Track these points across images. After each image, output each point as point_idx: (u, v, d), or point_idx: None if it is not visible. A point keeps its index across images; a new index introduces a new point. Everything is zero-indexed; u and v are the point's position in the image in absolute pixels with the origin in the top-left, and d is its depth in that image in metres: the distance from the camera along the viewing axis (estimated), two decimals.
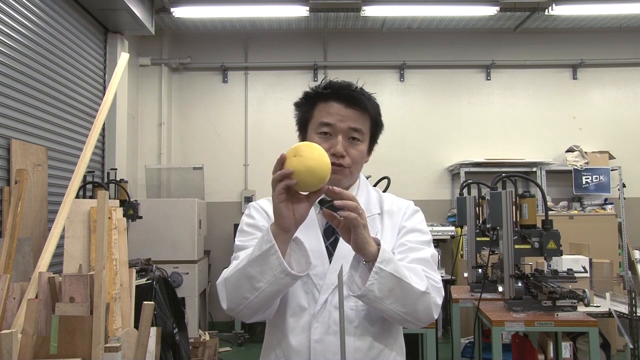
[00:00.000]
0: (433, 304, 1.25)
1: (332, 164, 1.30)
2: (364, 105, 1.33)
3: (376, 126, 1.39)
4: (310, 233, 1.32)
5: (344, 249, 1.31)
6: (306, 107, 1.40)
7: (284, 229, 1.16)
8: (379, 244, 1.18)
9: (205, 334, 5.03)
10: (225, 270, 1.30)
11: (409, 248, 1.33)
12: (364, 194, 1.42)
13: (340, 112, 1.32)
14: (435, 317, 1.29)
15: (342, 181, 1.34)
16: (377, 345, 1.30)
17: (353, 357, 1.27)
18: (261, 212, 1.41)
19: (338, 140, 1.31)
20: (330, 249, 1.33)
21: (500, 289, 3.12)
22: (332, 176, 1.32)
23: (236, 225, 6.55)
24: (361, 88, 1.37)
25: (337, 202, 1.12)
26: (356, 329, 1.28)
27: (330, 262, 1.31)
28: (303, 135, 1.41)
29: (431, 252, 1.35)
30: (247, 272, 1.19)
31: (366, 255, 1.17)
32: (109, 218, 2.33)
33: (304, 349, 1.28)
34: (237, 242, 1.38)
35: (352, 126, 1.32)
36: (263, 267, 1.16)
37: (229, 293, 1.24)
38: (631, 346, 3.15)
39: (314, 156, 1.12)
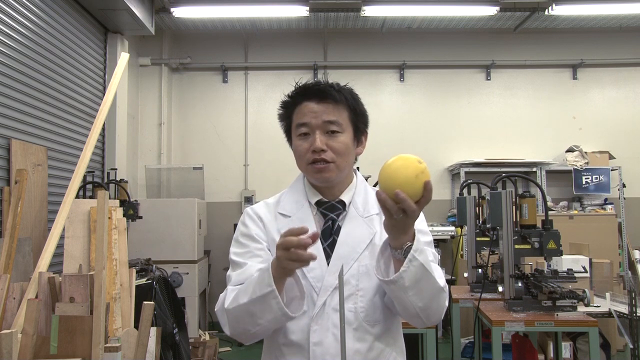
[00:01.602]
0: (444, 304, 1.27)
1: (314, 160, 1.31)
2: (335, 97, 1.33)
3: (356, 115, 1.37)
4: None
5: (341, 249, 1.31)
6: (286, 115, 1.41)
7: (287, 275, 1.18)
8: (414, 234, 1.18)
9: (205, 334, 5.03)
10: (222, 295, 1.31)
11: (418, 231, 1.32)
12: (361, 193, 1.41)
13: (313, 109, 1.32)
14: (441, 317, 1.30)
15: (331, 177, 1.33)
16: (377, 346, 1.30)
17: (352, 359, 1.27)
18: (255, 220, 1.41)
19: (315, 136, 1.31)
20: (328, 250, 1.32)
21: (500, 289, 3.12)
22: (319, 174, 1.33)
23: (236, 226, 6.56)
24: (332, 82, 1.37)
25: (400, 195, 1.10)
26: (355, 330, 1.28)
27: (328, 264, 1.30)
28: (290, 142, 1.42)
29: (433, 252, 1.36)
30: (248, 309, 1.21)
31: (398, 240, 1.17)
32: (109, 218, 2.33)
33: (304, 352, 1.27)
34: (232, 256, 1.39)
35: (326, 119, 1.32)
36: (263, 307, 1.19)
37: (231, 323, 1.27)
38: (631, 346, 3.15)
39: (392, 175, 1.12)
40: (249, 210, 1.45)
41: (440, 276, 1.24)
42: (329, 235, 1.34)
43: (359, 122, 1.38)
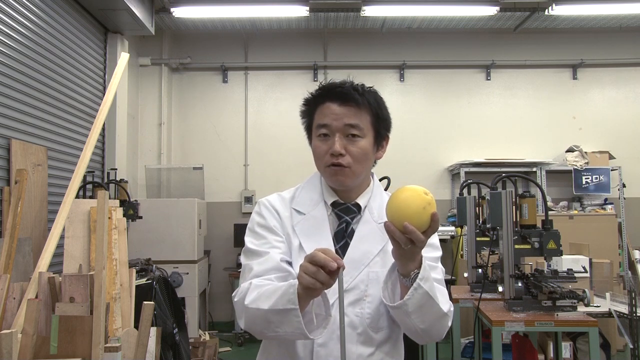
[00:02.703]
0: (447, 326, 1.28)
1: (332, 164, 1.30)
2: (358, 101, 1.31)
3: (379, 119, 1.35)
4: (321, 235, 1.32)
5: (353, 253, 1.31)
6: (307, 113, 1.39)
7: (312, 296, 1.16)
8: (421, 261, 1.18)
9: (205, 334, 5.03)
10: (244, 286, 1.27)
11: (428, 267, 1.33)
12: (377, 199, 1.40)
13: (335, 111, 1.30)
14: (441, 338, 1.31)
15: (346, 181, 1.32)
16: (379, 352, 1.30)
17: None
18: (272, 211, 1.39)
19: (335, 139, 1.30)
20: (340, 253, 1.31)
21: (500, 289, 3.12)
22: (334, 177, 1.32)
23: (236, 225, 6.54)
24: (356, 84, 1.35)
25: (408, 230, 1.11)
26: (360, 335, 1.28)
27: None
28: (310, 140, 1.40)
29: (442, 269, 1.38)
30: (267, 317, 1.19)
31: (405, 268, 1.18)
32: (109, 218, 2.33)
33: (307, 353, 1.27)
34: (249, 245, 1.35)
35: (347, 123, 1.30)
36: (283, 320, 1.17)
37: (248, 322, 1.24)
38: (631, 346, 3.15)
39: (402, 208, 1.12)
40: (264, 202, 1.42)
41: (445, 301, 1.24)
42: (342, 238, 1.34)
43: (381, 127, 1.36)
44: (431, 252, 1.35)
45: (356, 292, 1.28)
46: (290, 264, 1.31)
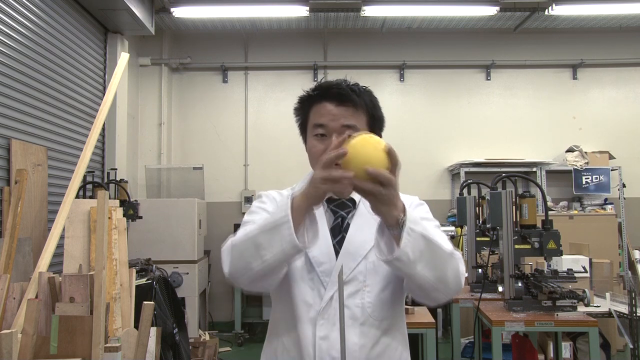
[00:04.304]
0: (459, 269, 1.21)
1: None
2: (355, 101, 1.31)
3: (374, 120, 1.36)
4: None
5: (349, 245, 1.32)
6: (302, 111, 1.40)
7: (313, 205, 1.13)
8: (403, 209, 1.13)
9: (205, 334, 5.02)
10: (230, 236, 1.26)
11: (422, 218, 1.29)
12: None
13: (332, 112, 1.31)
14: (461, 285, 1.24)
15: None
16: (383, 341, 1.31)
17: (358, 354, 1.27)
18: (273, 201, 1.41)
19: (332, 140, 1.29)
20: (337, 247, 1.32)
21: (500, 289, 3.13)
22: None
23: (236, 225, 6.57)
24: (353, 84, 1.35)
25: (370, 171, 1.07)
26: (362, 325, 1.28)
27: (337, 259, 1.31)
28: (305, 139, 1.41)
29: (444, 234, 1.32)
30: (257, 239, 1.16)
31: (390, 217, 1.12)
32: (109, 218, 2.33)
33: (309, 345, 1.28)
34: (246, 218, 1.36)
35: (344, 124, 1.30)
36: (273, 237, 1.13)
37: (234, 258, 1.21)
38: (631, 346, 3.15)
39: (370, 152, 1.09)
40: (266, 193, 1.44)
41: (445, 242, 1.19)
42: (339, 233, 1.34)
43: (376, 127, 1.38)
44: (428, 223, 1.31)
45: (355, 284, 1.28)
46: None
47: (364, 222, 1.35)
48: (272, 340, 1.37)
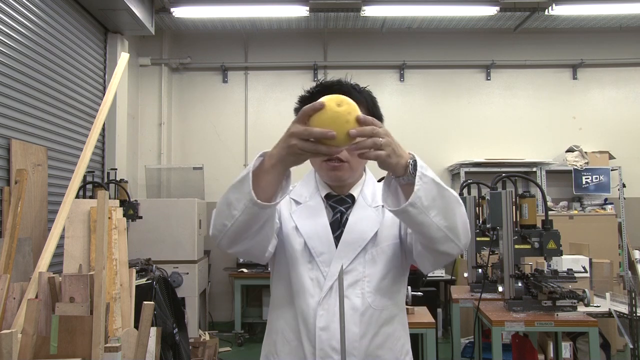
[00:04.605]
0: (466, 220, 1.21)
1: (329, 158, 1.31)
2: (357, 98, 1.30)
3: (374, 117, 1.37)
4: (316, 220, 1.35)
5: (348, 236, 1.33)
6: None
7: (287, 165, 1.13)
8: (412, 157, 1.13)
9: (205, 334, 5.02)
10: None
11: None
12: (370, 186, 1.43)
13: None
14: (469, 236, 1.23)
15: (344, 176, 1.35)
16: (384, 331, 1.32)
17: (359, 344, 1.28)
18: None
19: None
20: (336, 242, 1.34)
21: (500, 289, 3.12)
22: (332, 172, 1.34)
23: None
24: (353, 83, 1.38)
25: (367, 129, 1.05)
26: (362, 316, 1.29)
27: (336, 249, 1.32)
28: None
29: None
30: (228, 197, 1.17)
31: (398, 166, 1.11)
32: (109, 218, 2.33)
33: (310, 336, 1.28)
34: None
35: None
36: (238, 193, 1.14)
37: (215, 219, 1.22)
38: (631, 346, 3.15)
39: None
40: None
41: (454, 192, 1.19)
42: (338, 228, 1.36)
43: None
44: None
45: (354, 274, 1.30)
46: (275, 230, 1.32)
47: (363, 214, 1.37)
48: (272, 332, 1.38)
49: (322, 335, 1.27)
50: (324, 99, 1.06)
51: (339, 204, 1.39)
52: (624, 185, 5.79)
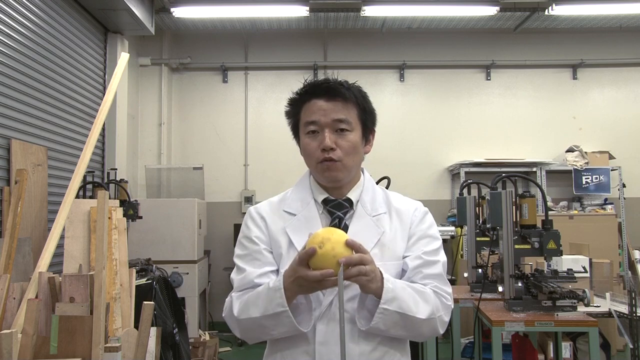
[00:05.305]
0: (439, 322, 1.29)
1: (323, 159, 1.31)
2: (345, 95, 1.32)
3: (365, 113, 1.37)
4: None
5: None
6: (293, 112, 1.41)
7: (302, 293, 1.23)
8: (382, 280, 1.22)
9: (205, 334, 5.02)
10: (228, 301, 1.36)
11: (423, 263, 1.33)
12: (369, 192, 1.41)
13: (323, 107, 1.32)
14: (442, 332, 1.32)
15: (338, 176, 1.33)
16: (382, 347, 1.30)
17: (358, 359, 1.27)
18: (257, 221, 1.41)
19: (325, 134, 1.30)
20: None
21: (500, 289, 3.12)
22: (327, 173, 1.33)
23: (236, 225, 6.55)
24: (341, 80, 1.37)
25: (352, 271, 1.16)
26: (361, 331, 1.28)
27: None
28: (297, 140, 1.41)
29: (442, 260, 1.37)
30: (261, 323, 1.25)
31: (377, 293, 1.23)
32: (109, 218, 2.33)
33: (309, 351, 1.28)
34: (235, 259, 1.42)
35: (335, 117, 1.31)
36: (276, 322, 1.24)
37: (242, 332, 1.31)
38: (631, 346, 3.15)
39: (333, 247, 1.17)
40: (251, 210, 1.44)
41: (424, 307, 1.26)
42: None
43: (368, 120, 1.38)
44: (429, 244, 1.37)
45: (355, 288, 1.27)
46: (273, 272, 1.35)
47: (363, 224, 1.35)
48: (273, 347, 1.37)
49: (321, 350, 1.27)
50: (311, 241, 1.17)
51: (337, 209, 1.37)
52: (624, 185, 5.80)
